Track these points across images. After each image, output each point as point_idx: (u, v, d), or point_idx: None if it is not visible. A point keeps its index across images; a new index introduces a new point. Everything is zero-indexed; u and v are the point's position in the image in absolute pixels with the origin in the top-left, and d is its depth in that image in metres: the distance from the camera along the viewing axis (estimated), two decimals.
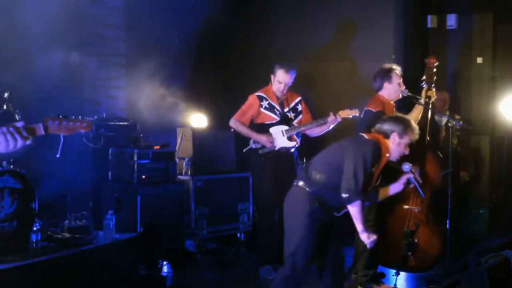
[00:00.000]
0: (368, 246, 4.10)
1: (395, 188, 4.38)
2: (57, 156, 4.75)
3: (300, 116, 6.01)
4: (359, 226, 4.04)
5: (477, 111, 7.67)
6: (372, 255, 5.26)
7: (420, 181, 4.43)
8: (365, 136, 4.21)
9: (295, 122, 5.95)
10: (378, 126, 4.27)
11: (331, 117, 5.71)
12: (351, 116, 5.69)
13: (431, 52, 7.50)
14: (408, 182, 4.33)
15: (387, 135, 4.18)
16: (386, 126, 4.20)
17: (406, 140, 4.18)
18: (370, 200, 4.33)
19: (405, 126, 4.19)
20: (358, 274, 5.35)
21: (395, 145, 4.17)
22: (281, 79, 5.83)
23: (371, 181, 4.12)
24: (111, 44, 7.48)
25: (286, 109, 5.95)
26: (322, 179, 4.04)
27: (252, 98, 5.98)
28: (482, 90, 7.81)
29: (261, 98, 5.93)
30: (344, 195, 3.94)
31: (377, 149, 4.06)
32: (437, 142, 6.51)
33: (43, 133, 4.03)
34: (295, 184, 4.15)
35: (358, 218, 4.01)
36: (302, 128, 5.90)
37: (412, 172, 4.33)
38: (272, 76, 5.92)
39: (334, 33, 7.85)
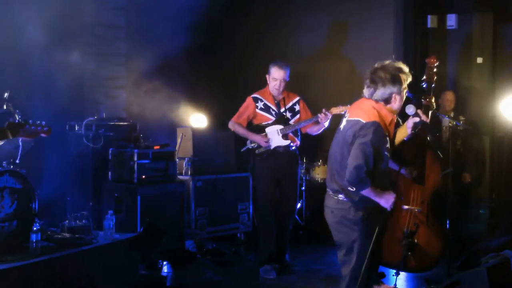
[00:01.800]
0: (388, 208, 3.96)
1: (402, 134, 4.21)
2: (17, 161, 4.78)
3: (298, 116, 6.03)
4: (380, 200, 3.90)
5: (477, 111, 7.67)
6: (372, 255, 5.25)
7: (427, 120, 4.19)
8: (362, 119, 3.84)
9: (291, 122, 5.98)
10: (370, 94, 3.93)
11: (322, 114, 5.74)
12: (343, 112, 5.67)
13: (431, 52, 7.50)
14: (415, 125, 4.12)
15: (389, 100, 3.91)
16: (383, 91, 3.87)
17: (404, 90, 3.96)
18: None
19: (400, 81, 3.89)
20: None
21: (398, 102, 3.94)
22: (276, 75, 5.88)
23: (390, 154, 3.98)
24: (111, 44, 7.49)
25: (282, 109, 5.98)
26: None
27: (248, 100, 6.06)
28: (482, 90, 7.81)
29: (256, 100, 5.99)
30: (351, 189, 3.81)
31: (379, 132, 3.80)
32: (440, 142, 6.51)
33: (10, 137, 4.08)
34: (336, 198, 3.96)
35: (375, 195, 3.86)
36: (296, 126, 5.94)
37: (417, 114, 4.12)
38: (267, 76, 5.97)
39: (334, 33, 7.85)
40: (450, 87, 7.55)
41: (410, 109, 4.12)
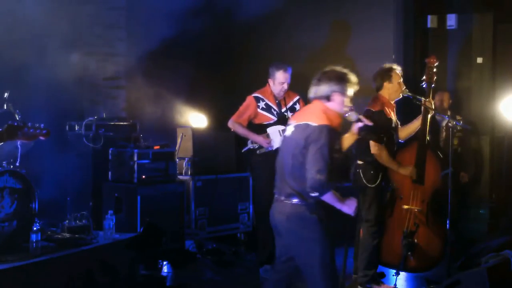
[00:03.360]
0: (352, 214, 3.84)
1: (349, 140, 4.14)
2: (17, 164, 4.78)
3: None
4: (338, 206, 3.81)
5: (477, 111, 7.67)
6: (372, 255, 5.26)
7: (371, 123, 4.11)
8: (312, 122, 3.78)
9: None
10: (314, 91, 3.94)
11: None
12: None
13: (431, 52, 7.50)
14: (360, 130, 4.07)
15: (329, 98, 3.88)
16: (325, 88, 3.89)
17: (348, 96, 3.91)
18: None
19: (344, 82, 3.90)
20: (358, 274, 5.35)
21: (337, 103, 3.89)
22: (282, 79, 5.85)
23: (338, 156, 3.93)
24: (111, 44, 7.49)
25: (283, 109, 5.96)
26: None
27: (249, 99, 6.01)
28: (482, 90, 7.81)
29: (257, 99, 5.96)
30: (313, 195, 3.71)
31: (330, 135, 3.75)
32: (437, 142, 6.51)
33: (8, 140, 4.08)
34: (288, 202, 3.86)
35: (336, 201, 3.77)
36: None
37: (360, 120, 4.07)
38: (270, 80, 5.93)
39: (334, 33, 7.85)
40: (450, 87, 7.55)
41: (353, 116, 4.04)
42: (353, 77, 3.96)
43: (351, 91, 3.94)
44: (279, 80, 5.86)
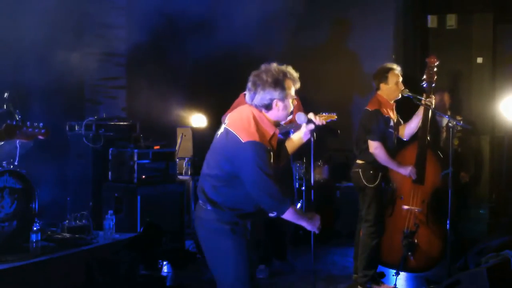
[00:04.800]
0: (316, 231, 3.53)
1: (295, 143, 3.77)
2: (15, 163, 4.78)
3: (291, 116, 5.95)
4: (303, 223, 3.48)
5: (477, 111, 7.68)
6: (372, 256, 5.26)
7: (324, 123, 3.73)
8: (241, 138, 3.38)
9: (283, 122, 5.88)
10: (251, 99, 3.47)
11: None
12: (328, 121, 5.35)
13: (431, 52, 7.50)
14: (312, 132, 3.69)
15: (269, 107, 3.44)
16: (262, 96, 3.41)
17: (291, 96, 3.48)
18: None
19: (283, 86, 3.41)
20: (358, 274, 5.35)
21: (281, 110, 3.47)
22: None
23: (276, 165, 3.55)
24: (111, 44, 7.48)
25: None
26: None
27: (241, 96, 5.97)
28: (482, 90, 7.81)
29: None
30: (272, 215, 3.40)
31: (260, 151, 3.33)
32: (438, 142, 6.51)
33: (7, 139, 4.08)
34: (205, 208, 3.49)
35: (297, 219, 3.46)
36: (288, 128, 5.82)
37: (311, 121, 3.63)
38: None
39: (334, 32, 7.85)
40: (450, 87, 7.55)
41: (301, 117, 3.65)
42: (291, 73, 3.48)
43: (293, 89, 3.49)
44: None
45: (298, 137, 3.73)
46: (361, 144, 5.32)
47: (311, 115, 3.65)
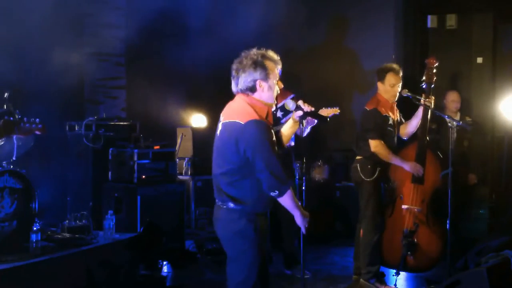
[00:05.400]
0: (303, 229, 3.54)
1: (290, 130, 3.80)
2: (13, 159, 4.78)
3: (290, 115, 5.93)
4: (296, 213, 3.49)
5: (477, 111, 7.67)
6: (374, 252, 5.24)
7: (312, 109, 3.70)
8: (240, 120, 3.42)
9: (282, 121, 5.91)
10: (235, 85, 3.56)
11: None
12: (331, 115, 5.30)
13: (431, 52, 7.50)
14: (301, 118, 3.69)
15: (254, 88, 3.49)
16: (245, 78, 3.49)
17: (274, 77, 3.52)
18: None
19: (264, 66, 3.49)
20: (362, 272, 5.33)
21: (266, 91, 3.51)
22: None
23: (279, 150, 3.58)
24: (111, 44, 7.48)
25: (273, 108, 5.89)
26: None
27: None
28: (482, 90, 7.81)
29: None
30: (273, 194, 3.40)
31: (262, 127, 3.39)
32: (446, 143, 6.46)
33: (5, 135, 4.08)
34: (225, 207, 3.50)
35: (293, 206, 3.46)
36: (280, 129, 5.82)
37: (299, 107, 3.67)
38: None
39: (334, 32, 7.85)
40: (450, 87, 7.55)
41: (290, 104, 3.71)
42: (271, 55, 3.55)
43: (276, 70, 3.54)
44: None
45: (288, 125, 3.79)
46: (360, 143, 5.34)
47: (300, 102, 3.71)
